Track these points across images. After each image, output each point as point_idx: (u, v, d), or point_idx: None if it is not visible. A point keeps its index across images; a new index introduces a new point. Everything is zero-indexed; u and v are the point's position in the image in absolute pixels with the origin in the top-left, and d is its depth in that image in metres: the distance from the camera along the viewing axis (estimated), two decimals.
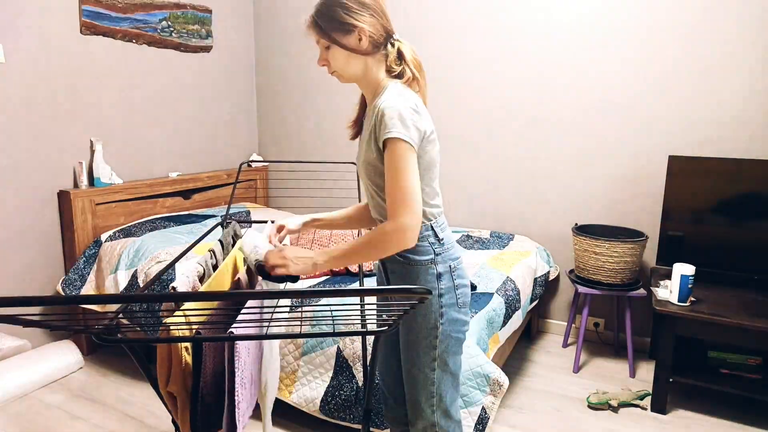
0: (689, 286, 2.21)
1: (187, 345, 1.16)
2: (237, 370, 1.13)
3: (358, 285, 2.16)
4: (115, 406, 2.29)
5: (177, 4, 3.17)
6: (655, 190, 2.76)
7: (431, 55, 3.20)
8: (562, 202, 2.99)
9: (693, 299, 2.28)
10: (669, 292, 2.31)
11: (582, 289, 2.60)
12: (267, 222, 1.71)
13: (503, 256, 2.65)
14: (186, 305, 1.16)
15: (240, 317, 1.18)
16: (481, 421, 1.74)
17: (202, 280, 1.33)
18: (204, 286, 1.26)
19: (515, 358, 2.78)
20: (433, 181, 1.29)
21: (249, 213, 3.26)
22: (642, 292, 2.56)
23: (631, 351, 2.60)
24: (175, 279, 2.33)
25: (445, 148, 3.26)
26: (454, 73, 3.16)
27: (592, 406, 2.31)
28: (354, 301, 1.99)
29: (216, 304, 1.28)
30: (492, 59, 3.05)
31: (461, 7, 3.08)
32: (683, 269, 2.20)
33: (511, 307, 2.24)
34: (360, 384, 1.89)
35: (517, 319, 2.33)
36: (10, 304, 0.74)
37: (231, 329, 1.07)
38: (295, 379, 2.01)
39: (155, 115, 3.15)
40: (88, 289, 2.59)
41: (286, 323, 1.88)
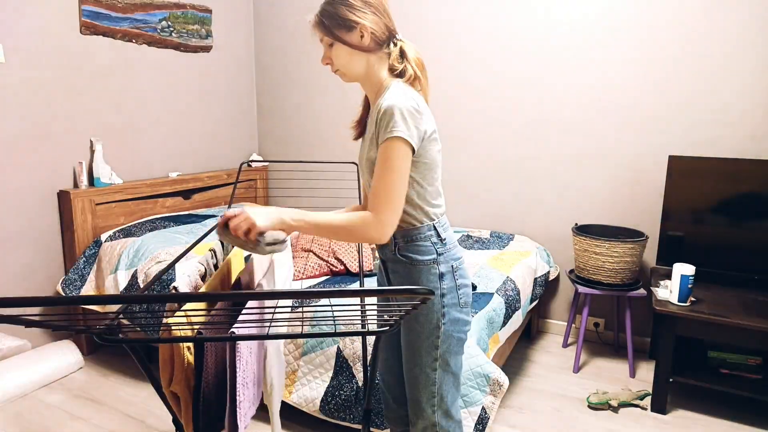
0: (689, 286, 2.21)
1: (189, 345, 1.16)
2: (239, 369, 1.13)
3: (358, 285, 2.16)
4: (115, 406, 2.29)
5: (177, 4, 3.17)
6: (655, 190, 2.76)
7: (431, 55, 3.20)
8: (562, 202, 2.99)
9: (693, 299, 2.28)
10: (669, 292, 2.31)
11: (582, 289, 2.61)
12: None
13: (503, 256, 2.65)
14: (187, 305, 1.16)
15: (241, 317, 1.18)
16: (481, 421, 1.74)
17: (204, 278, 1.33)
18: (205, 285, 1.26)
19: (515, 358, 2.78)
20: (436, 181, 1.29)
21: None
22: (642, 292, 2.56)
23: (631, 351, 2.60)
24: (176, 279, 2.33)
25: (445, 148, 3.26)
26: (454, 73, 3.16)
27: (592, 406, 2.31)
28: (355, 301, 1.99)
29: (217, 304, 1.28)
30: (492, 59, 3.05)
31: (461, 7, 3.08)
32: (683, 269, 2.20)
33: (511, 307, 2.24)
34: (360, 384, 1.89)
35: (517, 319, 2.33)
36: (11, 305, 0.74)
37: (232, 329, 1.07)
38: (295, 379, 2.01)
39: (155, 115, 3.15)
40: (88, 289, 2.59)
41: (287, 323, 1.88)
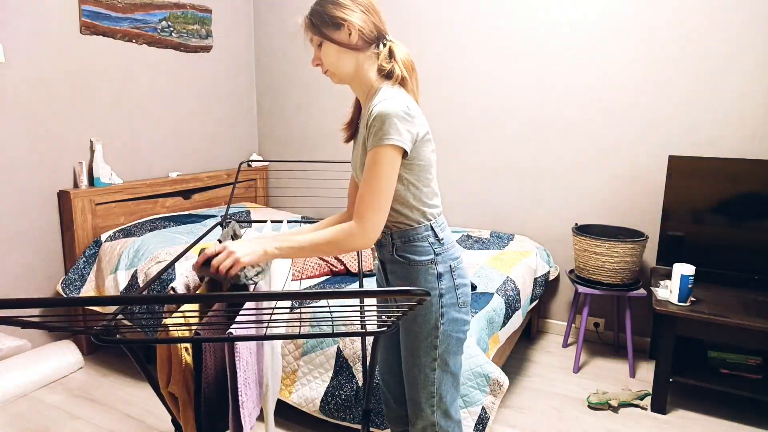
0: (689, 286, 2.20)
1: (186, 345, 1.16)
2: (239, 370, 1.13)
3: (357, 286, 2.16)
4: (115, 406, 2.29)
5: (177, 4, 3.17)
6: (655, 190, 2.75)
7: (431, 55, 3.20)
8: (562, 202, 2.99)
9: (693, 299, 2.28)
10: (669, 292, 2.31)
11: (582, 289, 2.60)
12: (266, 222, 1.71)
13: (503, 256, 2.65)
14: (185, 306, 1.16)
15: (239, 317, 1.18)
16: (481, 421, 1.74)
17: (202, 279, 1.33)
18: (203, 286, 1.26)
19: (515, 358, 2.78)
20: (432, 182, 1.29)
21: (249, 213, 3.26)
22: (642, 292, 2.56)
23: (631, 351, 2.60)
24: (175, 279, 2.33)
25: (445, 148, 3.26)
26: (454, 73, 3.16)
27: (592, 406, 2.31)
28: (353, 301, 1.99)
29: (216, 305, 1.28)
30: (492, 59, 3.05)
31: (461, 7, 3.08)
32: (683, 269, 2.20)
33: (511, 307, 2.24)
34: (360, 384, 1.89)
35: (517, 319, 2.33)
36: (10, 306, 0.74)
37: (230, 330, 1.07)
38: (295, 379, 2.01)
39: (155, 115, 3.15)
40: (88, 289, 2.59)
41: (286, 324, 1.88)
